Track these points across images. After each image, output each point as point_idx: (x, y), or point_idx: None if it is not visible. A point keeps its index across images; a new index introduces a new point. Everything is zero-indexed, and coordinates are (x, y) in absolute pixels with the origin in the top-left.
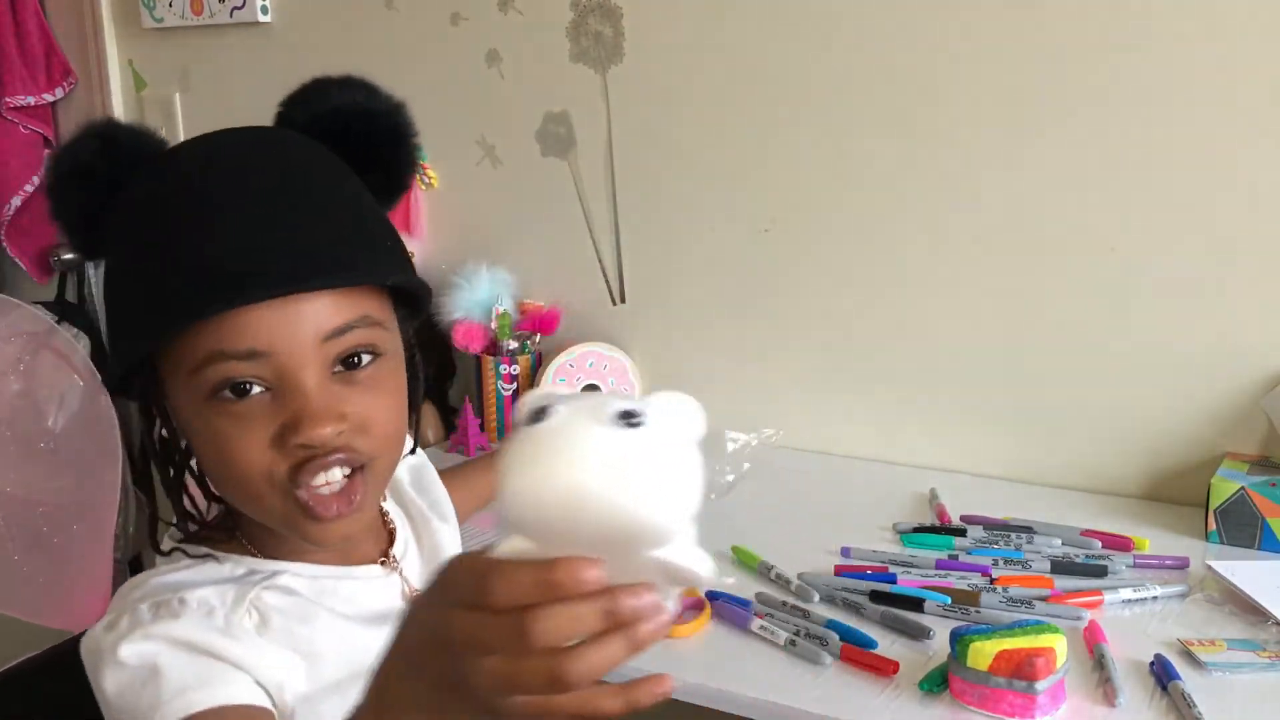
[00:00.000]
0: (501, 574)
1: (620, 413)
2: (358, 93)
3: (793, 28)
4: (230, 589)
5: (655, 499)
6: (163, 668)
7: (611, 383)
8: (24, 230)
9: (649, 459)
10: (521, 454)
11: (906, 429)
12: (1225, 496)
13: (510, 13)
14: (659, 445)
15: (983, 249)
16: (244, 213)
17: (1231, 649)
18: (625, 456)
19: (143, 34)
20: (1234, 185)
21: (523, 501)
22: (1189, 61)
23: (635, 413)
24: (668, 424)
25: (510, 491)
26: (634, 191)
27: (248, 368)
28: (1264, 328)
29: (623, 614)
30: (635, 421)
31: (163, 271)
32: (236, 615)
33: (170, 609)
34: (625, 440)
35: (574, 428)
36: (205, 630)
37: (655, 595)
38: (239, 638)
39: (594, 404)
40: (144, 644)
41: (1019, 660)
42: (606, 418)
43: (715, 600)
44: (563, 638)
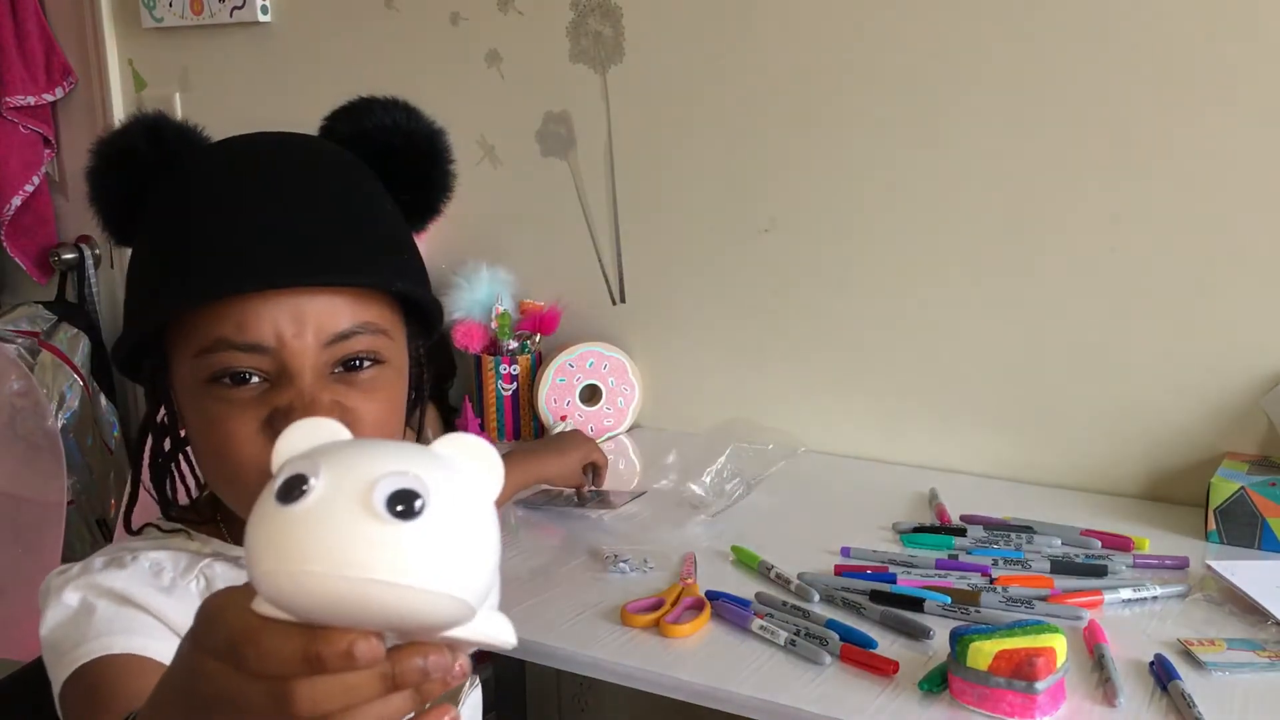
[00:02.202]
0: (255, 644)
1: (393, 495)
2: (400, 114)
3: (793, 27)
4: (185, 557)
5: (435, 600)
6: (96, 610)
7: (612, 383)
8: (24, 230)
9: (427, 558)
10: (272, 541)
11: (906, 428)
12: (1225, 496)
13: (510, 13)
14: (440, 537)
15: (982, 249)
16: (268, 205)
17: (1231, 649)
18: (397, 561)
19: (143, 34)
20: (1234, 185)
21: (275, 593)
22: (1190, 61)
23: (410, 494)
24: (452, 497)
25: (259, 574)
26: (634, 191)
27: (249, 359)
28: (1263, 327)
29: (407, 678)
30: (410, 510)
31: (182, 251)
32: (185, 580)
33: (120, 562)
34: (397, 539)
35: (333, 521)
36: (146, 586)
37: (445, 655)
38: (180, 599)
39: (359, 478)
40: (86, 590)
41: (1019, 660)
42: (376, 502)
43: (715, 600)
44: (332, 709)
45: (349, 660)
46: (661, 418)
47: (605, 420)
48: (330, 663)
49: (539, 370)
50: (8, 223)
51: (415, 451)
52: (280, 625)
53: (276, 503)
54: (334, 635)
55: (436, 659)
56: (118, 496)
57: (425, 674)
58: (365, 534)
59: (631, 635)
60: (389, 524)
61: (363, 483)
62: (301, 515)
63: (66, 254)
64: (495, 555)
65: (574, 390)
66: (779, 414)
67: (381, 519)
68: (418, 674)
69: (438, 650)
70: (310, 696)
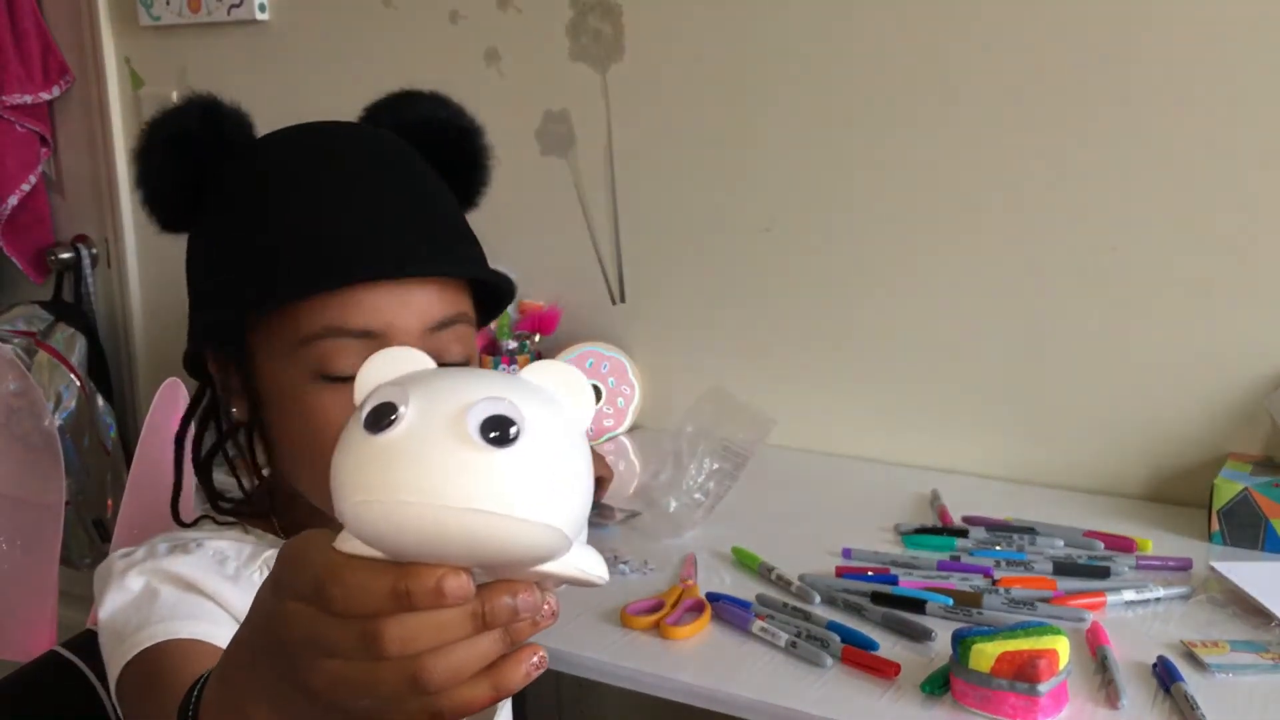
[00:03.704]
0: (342, 583)
1: (486, 423)
2: (445, 108)
3: (793, 26)
4: (248, 548)
5: (533, 530)
6: (160, 594)
7: (611, 383)
8: (21, 229)
9: (525, 486)
10: (362, 471)
11: (908, 429)
12: (1228, 497)
13: (509, 11)
14: (537, 465)
15: (984, 249)
16: (371, 195)
17: (1235, 651)
18: (495, 490)
19: (140, 32)
20: (1236, 184)
21: (366, 525)
22: (1191, 61)
23: (505, 421)
24: (548, 424)
25: (349, 506)
26: (634, 191)
27: (358, 346)
28: (1267, 327)
29: (498, 617)
30: (505, 437)
31: (283, 242)
32: (248, 569)
33: (185, 548)
34: (493, 467)
35: (428, 446)
36: (212, 574)
37: (535, 593)
38: (245, 589)
39: (452, 405)
40: (150, 574)
41: (1021, 662)
42: (470, 429)
43: (715, 602)
44: (421, 648)
45: (439, 597)
46: (661, 418)
47: (605, 420)
48: (420, 599)
49: None
50: (4, 222)
51: (505, 378)
52: (367, 562)
53: (365, 432)
54: (423, 571)
55: (526, 597)
56: (115, 497)
57: (515, 613)
58: (460, 462)
59: (631, 637)
60: (484, 451)
61: (455, 409)
62: (392, 444)
63: (63, 254)
64: (590, 486)
65: None
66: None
67: (476, 446)
68: (508, 613)
69: (527, 588)
70: (399, 635)
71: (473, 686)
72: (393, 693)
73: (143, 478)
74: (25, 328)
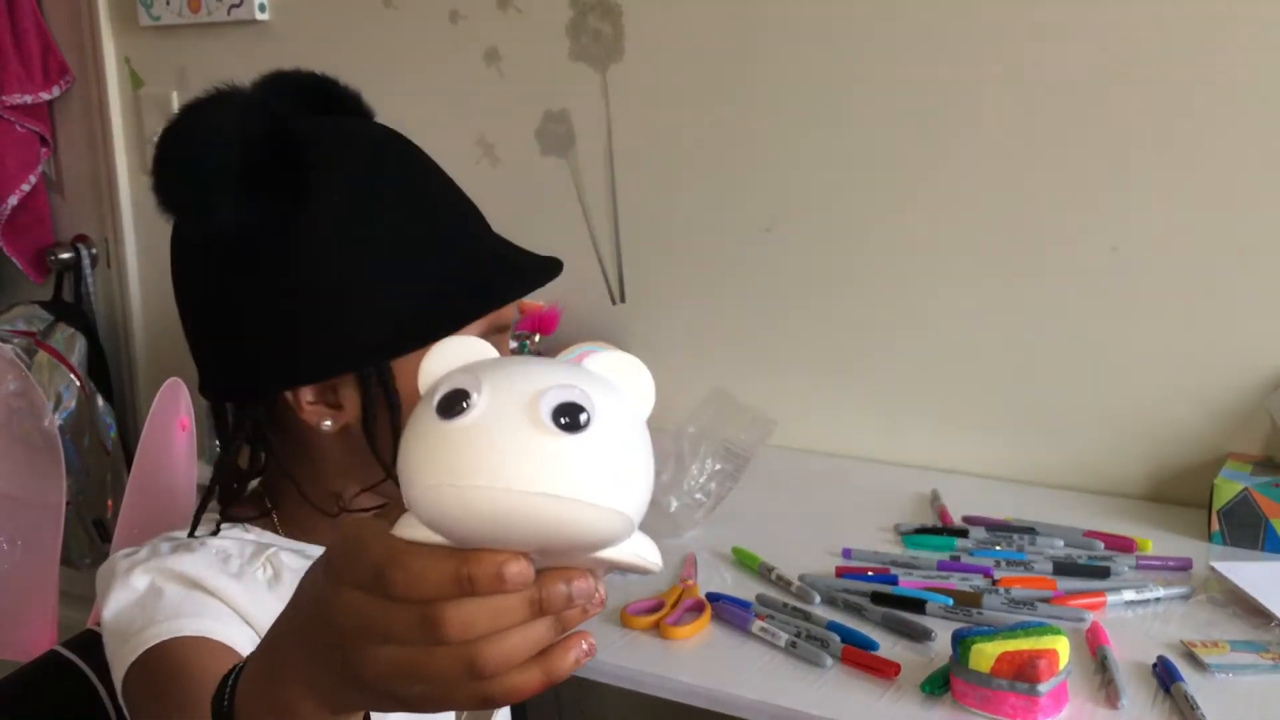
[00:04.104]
0: (404, 568)
1: (558, 408)
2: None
3: (794, 26)
4: (250, 546)
5: (602, 515)
6: (164, 593)
7: None
8: (21, 229)
9: (595, 472)
10: (434, 456)
11: (908, 429)
12: (1228, 497)
13: (509, 11)
14: (606, 451)
15: (984, 248)
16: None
17: (1235, 651)
18: (566, 475)
19: (140, 32)
20: (1237, 184)
21: (436, 509)
22: (1191, 61)
23: (576, 408)
24: (615, 411)
25: (420, 491)
26: (634, 191)
27: (502, 339)
28: (1267, 327)
29: (554, 604)
30: (576, 423)
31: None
32: (252, 566)
33: (189, 548)
34: (566, 452)
35: (501, 432)
36: (216, 571)
37: (590, 581)
38: (248, 586)
39: (524, 392)
40: (155, 573)
41: (1021, 662)
42: (542, 415)
43: (716, 602)
44: (480, 633)
45: (500, 582)
46: (662, 418)
47: None
48: (482, 584)
49: None
50: (4, 222)
51: (570, 367)
52: (428, 548)
53: (437, 418)
54: (485, 556)
55: (580, 584)
56: (115, 497)
57: (570, 599)
58: (534, 447)
59: (631, 637)
60: (556, 437)
61: (528, 395)
62: (466, 429)
63: (63, 254)
64: (652, 474)
65: None
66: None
67: (549, 432)
68: (563, 599)
69: (582, 576)
70: (460, 620)
71: (524, 672)
72: (447, 678)
73: (144, 478)
74: (25, 328)
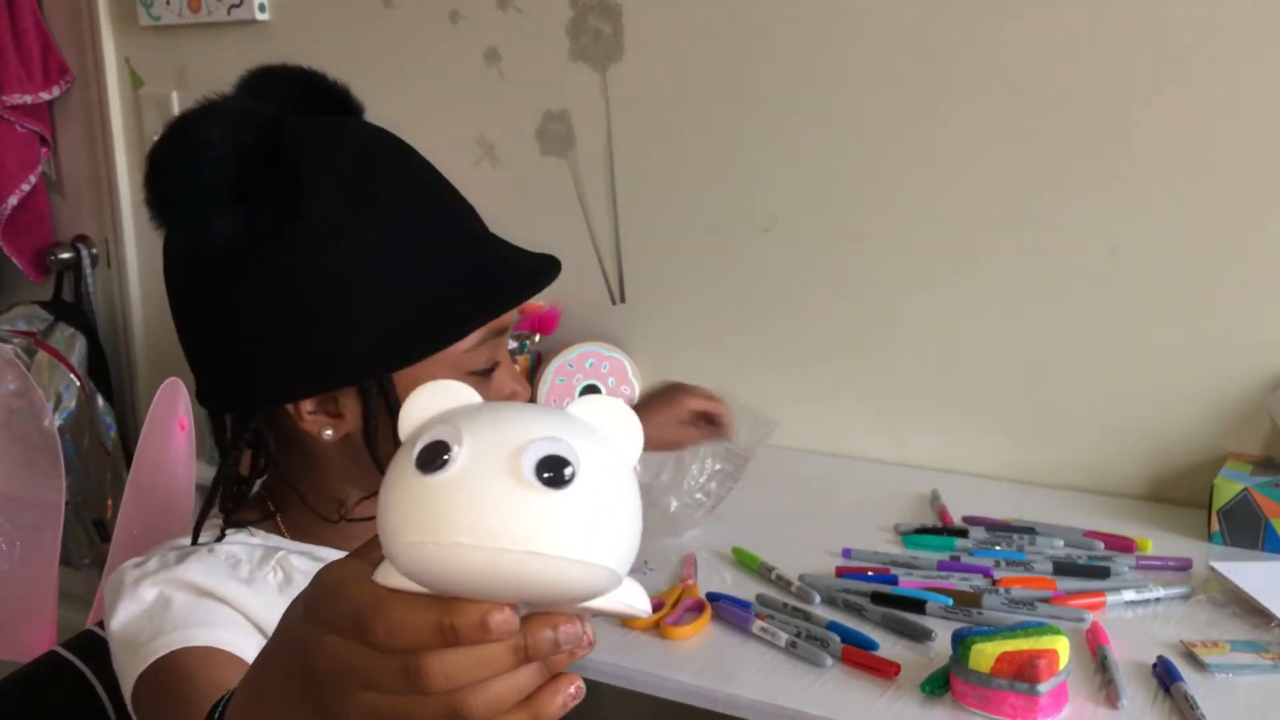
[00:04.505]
0: (386, 616)
1: (541, 463)
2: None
3: (793, 26)
4: (259, 550)
5: (588, 571)
6: (173, 603)
7: (611, 383)
8: (20, 229)
9: (580, 528)
10: (414, 512)
11: (908, 429)
12: (1228, 497)
13: (509, 11)
14: (592, 505)
15: (984, 249)
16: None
17: (1235, 651)
18: (551, 532)
19: (140, 32)
20: (1237, 184)
21: (417, 565)
22: (1191, 62)
23: (560, 461)
24: (600, 462)
25: (400, 546)
26: (634, 191)
27: (501, 341)
28: (1267, 327)
29: (540, 650)
30: (560, 478)
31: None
32: (262, 571)
33: (198, 555)
34: (549, 509)
35: (482, 488)
36: (225, 578)
37: (576, 625)
38: (260, 590)
39: (505, 445)
40: (164, 584)
41: (1021, 662)
42: (525, 470)
43: (716, 602)
44: (464, 683)
45: (484, 632)
46: None
47: None
48: (465, 635)
49: (538, 370)
50: (4, 222)
51: (555, 415)
52: (410, 597)
53: (417, 471)
54: (468, 606)
55: (568, 630)
56: (115, 497)
57: (557, 645)
58: (517, 504)
59: (631, 637)
60: (540, 493)
61: (509, 449)
62: (447, 485)
63: (63, 254)
64: (640, 522)
65: (574, 390)
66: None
67: (532, 488)
68: (549, 645)
69: (568, 621)
70: (442, 670)
71: (511, 716)
72: None
73: (143, 478)
74: (25, 328)
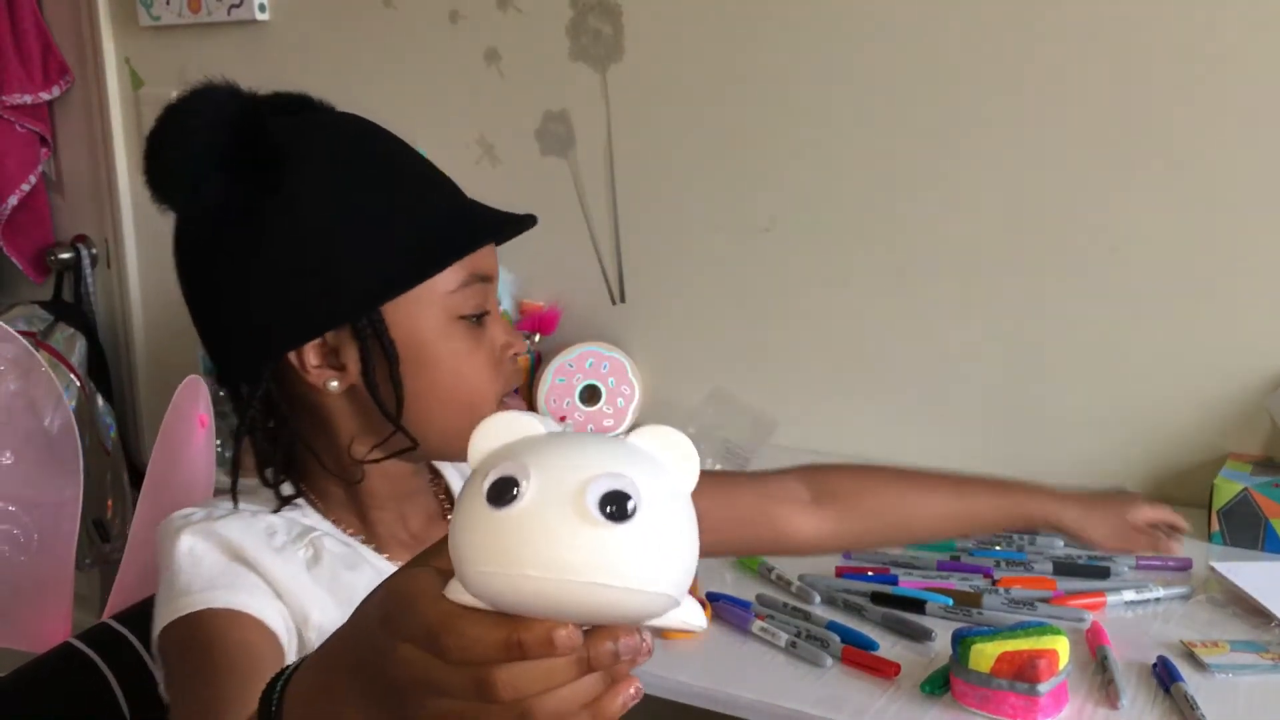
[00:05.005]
0: (457, 633)
1: (605, 497)
2: None
3: (793, 26)
4: (297, 527)
5: (649, 599)
6: (204, 561)
7: (611, 383)
8: (21, 229)
9: (641, 559)
10: (484, 542)
11: (907, 428)
12: (1228, 497)
13: (509, 11)
14: (652, 537)
15: (984, 249)
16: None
17: (1235, 651)
18: (613, 564)
19: (140, 32)
20: (1237, 184)
21: (488, 591)
22: (1191, 62)
23: (622, 496)
24: (660, 494)
25: (472, 573)
26: (634, 191)
27: (488, 289)
28: (1267, 327)
29: (602, 662)
30: (623, 512)
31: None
32: (295, 546)
33: (240, 517)
34: (612, 542)
35: (548, 523)
36: (261, 544)
37: (636, 637)
38: (288, 562)
39: (571, 482)
40: (203, 538)
41: (1021, 662)
42: (589, 506)
43: (716, 602)
44: (531, 693)
45: (550, 647)
46: (662, 418)
47: (605, 420)
48: (532, 650)
49: (538, 370)
50: (4, 222)
51: (617, 447)
52: (479, 614)
53: (488, 505)
54: (534, 624)
55: (627, 641)
56: (115, 497)
57: (617, 656)
58: (581, 538)
59: None
60: (603, 527)
61: (574, 485)
62: (515, 519)
63: (63, 254)
64: (696, 546)
65: (574, 390)
66: (780, 414)
67: (595, 522)
68: (610, 657)
69: (628, 633)
70: (510, 683)
71: (574, 718)
72: None
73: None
74: (25, 328)
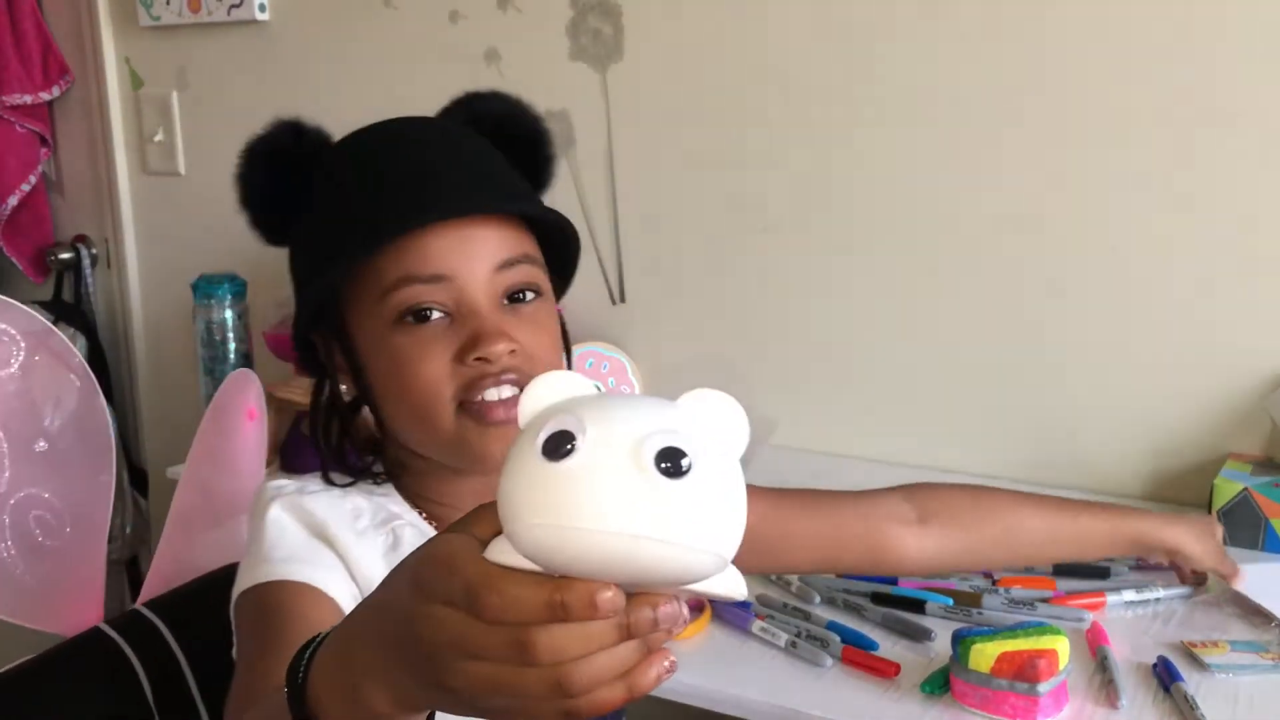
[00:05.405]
0: (499, 592)
1: (661, 453)
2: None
3: (794, 26)
4: (383, 512)
5: (701, 558)
6: (287, 533)
7: (611, 383)
8: (20, 229)
9: (696, 516)
10: (538, 496)
11: (908, 429)
12: (1228, 498)
13: (509, 11)
14: (706, 495)
15: (984, 248)
16: (429, 156)
17: (1235, 651)
18: (669, 519)
19: (140, 32)
20: (1237, 184)
21: (538, 546)
22: (1189, 62)
23: (678, 453)
24: (714, 454)
25: (523, 527)
26: (634, 191)
27: (431, 291)
28: (1267, 327)
29: (641, 628)
30: (678, 468)
31: (360, 206)
32: (376, 532)
33: (329, 494)
34: (669, 497)
35: (606, 477)
36: (344, 523)
37: (675, 605)
38: (368, 547)
39: (627, 437)
40: (290, 511)
41: (1021, 662)
42: (645, 461)
43: (716, 602)
44: (570, 657)
45: (592, 610)
46: None
47: None
48: (575, 612)
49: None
50: (4, 222)
51: (668, 407)
52: (522, 574)
53: (542, 458)
54: (578, 585)
55: (667, 609)
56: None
57: (656, 624)
58: (638, 492)
59: None
60: (659, 482)
61: (632, 440)
62: (571, 472)
63: (63, 254)
64: (745, 513)
65: None
66: (779, 413)
67: (651, 477)
68: (649, 624)
69: (668, 601)
70: (550, 645)
71: (610, 689)
72: (534, 695)
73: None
74: None
